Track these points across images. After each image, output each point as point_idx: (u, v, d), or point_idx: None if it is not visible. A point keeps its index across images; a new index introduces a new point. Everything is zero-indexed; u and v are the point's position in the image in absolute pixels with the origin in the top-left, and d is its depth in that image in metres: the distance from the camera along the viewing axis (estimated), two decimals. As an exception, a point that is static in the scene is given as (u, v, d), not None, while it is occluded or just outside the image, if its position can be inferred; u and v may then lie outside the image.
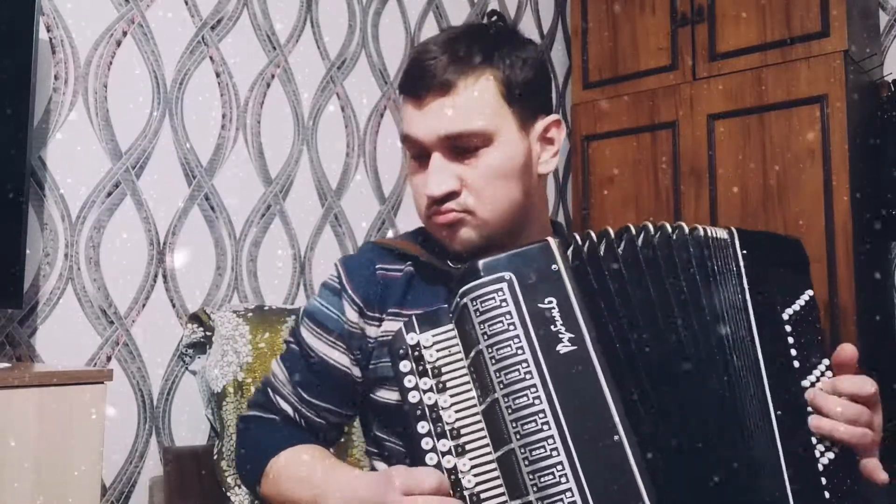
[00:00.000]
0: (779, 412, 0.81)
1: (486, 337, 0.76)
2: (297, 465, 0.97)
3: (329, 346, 1.02)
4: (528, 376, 0.74)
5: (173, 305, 1.93)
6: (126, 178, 1.87)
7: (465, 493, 0.77)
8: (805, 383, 0.84)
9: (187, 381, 1.92)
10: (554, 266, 0.78)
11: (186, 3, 2.02)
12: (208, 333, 1.76)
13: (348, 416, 1.06)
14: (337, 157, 2.32)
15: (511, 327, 0.76)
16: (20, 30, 1.57)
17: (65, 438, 1.31)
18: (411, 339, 0.81)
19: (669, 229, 0.84)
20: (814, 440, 0.82)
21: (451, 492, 0.77)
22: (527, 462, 0.73)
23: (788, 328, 0.85)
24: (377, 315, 1.00)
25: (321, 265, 2.24)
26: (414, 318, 0.82)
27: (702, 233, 0.85)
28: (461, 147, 0.95)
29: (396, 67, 2.50)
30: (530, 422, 0.73)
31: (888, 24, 2.53)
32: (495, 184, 0.95)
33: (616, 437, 0.74)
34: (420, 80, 0.97)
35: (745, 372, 0.82)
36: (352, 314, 1.01)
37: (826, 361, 0.85)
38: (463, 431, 0.78)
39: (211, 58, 2.06)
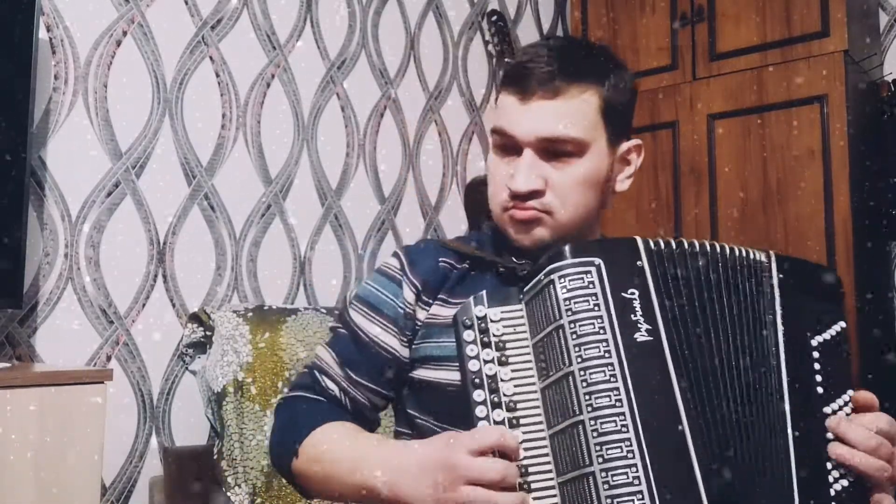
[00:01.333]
0: (796, 433, 0.83)
1: (570, 313, 0.79)
2: (338, 435, 0.96)
3: (381, 328, 1.04)
4: (606, 354, 0.77)
5: (173, 305, 1.93)
6: (126, 178, 1.87)
7: (518, 479, 0.78)
8: (827, 410, 0.86)
9: (187, 381, 1.92)
10: (639, 262, 0.82)
11: (186, 3, 2.02)
12: (208, 333, 1.76)
13: (390, 397, 1.07)
14: (337, 157, 2.32)
15: (596, 308, 0.79)
16: (20, 30, 1.58)
17: (65, 438, 1.31)
18: (479, 311, 0.84)
19: (707, 247, 0.88)
20: (829, 465, 0.84)
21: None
22: (595, 434, 0.75)
23: (816, 354, 0.88)
24: (429, 300, 1.03)
25: (321, 265, 2.24)
26: (484, 293, 0.85)
27: (739, 253, 0.88)
28: (554, 150, 0.99)
29: (396, 67, 2.50)
30: (604, 396, 0.76)
31: (888, 24, 2.53)
32: (578, 191, 1.00)
33: (680, 428, 0.77)
34: (530, 79, 1.00)
35: (767, 389, 0.85)
36: (410, 295, 1.04)
37: (850, 393, 0.88)
38: (519, 406, 0.81)
39: (211, 58, 2.06)
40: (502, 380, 0.82)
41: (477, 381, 0.82)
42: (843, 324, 0.90)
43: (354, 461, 0.90)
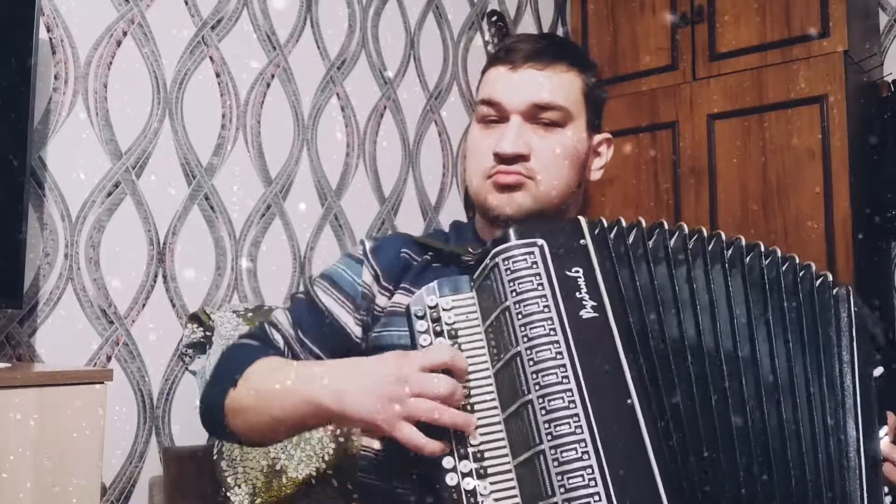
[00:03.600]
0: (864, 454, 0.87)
1: (514, 294, 0.79)
2: (284, 361, 0.97)
3: (338, 303, 1.06)
4: (552, 332, 0.78)
5: (173, 305, 1.93)
6: (126, 178, 1.87)
7: (470, 449, 0.79)
8: (880, 433, 0.90)
9: (187, 381, 1.92)
10: (582, 240, 0.83)
11: (186, 3, 2.02)
12: (208, 333, 1.76)
13: None
14: (337, 157, 2.32)
15: (540, 287, 0.79)
16: (20, 30, 1.57)
17: (65, 438, 1.31)
18: (431, 300, 0.85)
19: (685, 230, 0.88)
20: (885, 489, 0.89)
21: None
22: (544, 412, 0.75)
23: (874, 384, 0.91)
24: (390, 287, 1.05)
25: (321, 265, 2.24)
26: (436, 283, 0.86)
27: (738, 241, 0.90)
28: (542, 118, 1.03)
29: (396, 67, 2.50)
30: (551, 374, 0.76)
31: (888, 24, 2.53)
32: (560, 161, 1.03)
33: (629, 401, 0.76)
34: (519, 51, 1.05)
35: (829, 404, 0.87)
36: (367, 277, 1.06)
37: (887, 426, 0.92)
38: (473, 392, 0.81)
39: (211, 58, 2.06)
40: None
41: None
42: (893, 366, 0.93)
43: (299, 375, 0.89)
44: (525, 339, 0.78)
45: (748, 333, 0.85)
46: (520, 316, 0.79)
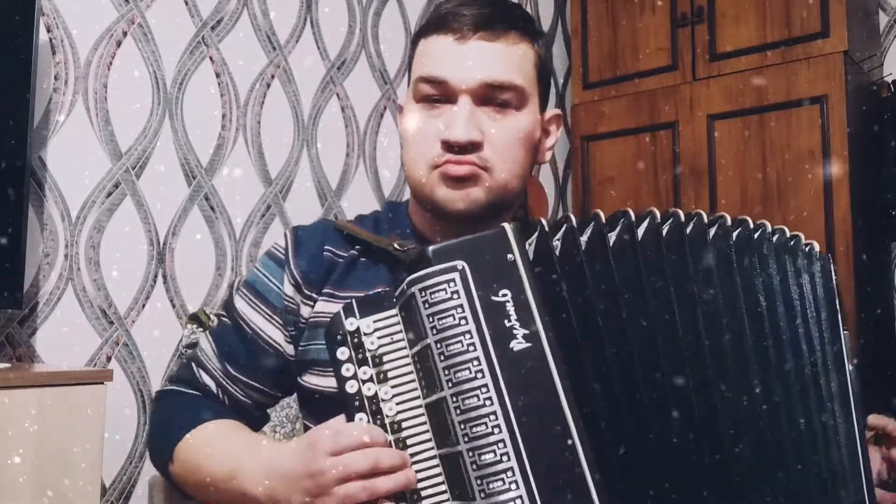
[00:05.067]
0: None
1: (434, 331, 0.70)
2: (213, 438, 0.90)
3: (265, 319, 0.95)
4: (479, 375, 0.69)
5: (173, 305, 1.93)
6: (126, 178, 1.87)
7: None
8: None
9: (187, 381, 1.91)
10: (510, 255, 0.72)
11: (186, 3, 2.02)
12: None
13: (276, 396, 1.00)
14: (337, 157, 2.32)
15: (462, 322, 0.70)
16: (20, 30, 1.57)
17: (65, 438, 1.31)
18: (350, 324, 0.75)
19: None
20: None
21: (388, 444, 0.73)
22: (475, 466, 0.68)
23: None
24: (313, 294, 0.94)
25: (321, 265, 2.24)
26: (354, 301, 0.76)
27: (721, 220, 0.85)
28: (494, 99, 0.89)
29: (396, 67, 2.50)
30: (480, 424, 0.69)
31: (888, 25, 2.53)
32: (516, 147, 0.90)
33: (570, 442, 0.69)
34: (465, 17, 0.89)
35: (836, 400, 0.85)
36: (289, 288, 0.95)
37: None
38: (404, 425, 0.74)
39: (211, 58, 2.06)
40: (383, 399, 0.74)
41: (357, 403, 0.74)
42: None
43: (230, 470, 0.83)
44: (450, 384, 0.69)
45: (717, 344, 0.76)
46: (442, 357, 0.70)
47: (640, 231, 0.77)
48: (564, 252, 0.73)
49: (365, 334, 0.74)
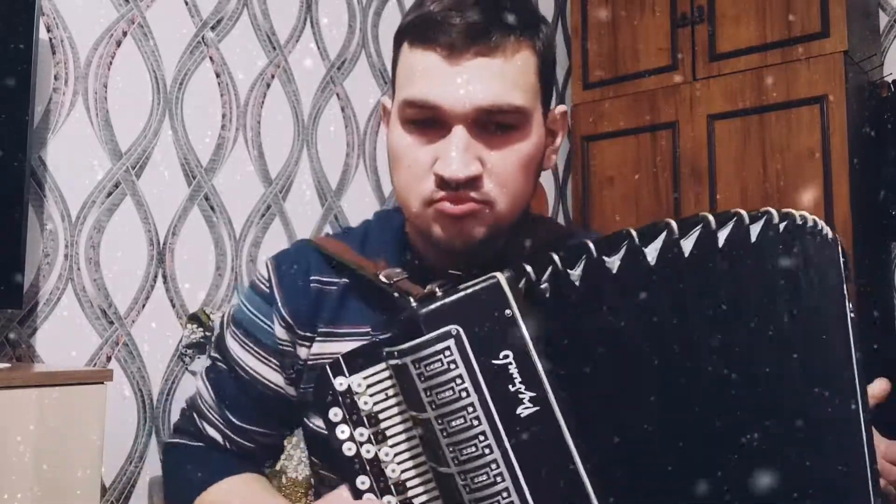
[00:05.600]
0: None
1: (433, 406, 0.64)
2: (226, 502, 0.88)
3: (261, 361, 0.91)
4: (486, 451, 0.63)
5: (173, 305, 1.93)
6: (126, 178, 1.87)
7: None
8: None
9: (187, 381, 1.91)
10: (507, 311, 0.64)
11: (186, 3, 2.02)
12: (208, 333, 1.76)
13: (283, 435, 0.97)
14: (337, 157, 2.32)
15: (463, 394, 0.63)
16: (20, 30, 1.58)
17: (65, 438, 1.31)
18: (340, 384, 0.70)
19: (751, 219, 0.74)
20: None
21: None
22: None
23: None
24: (308, 334, 0.88)
25: (321, 265, 2.24)
26: (340, 358, 0.70)
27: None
28: (493, 124, 0.78)
29: (396, 67, 2.50)
30: (493, 501, 0.63)
31: (888, 25, 2.53)
32: (520, 176, 0.80)
33: None
34: (454, 27, 0.76)
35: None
36: (281, 332, 0.89)
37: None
38: (409, 485, 0.69)
39: (211, 58, 2.06)
40: (384, 461, 0.70)
41: (357, 466, 0.69)
42: None
43: None
44: (456, 462, 0.64)
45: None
46: (444, 434, 0.64)
47: (652, 256, 0.67)
48: (554, 292, 0.65)
49: (356, 393, 0.70)
